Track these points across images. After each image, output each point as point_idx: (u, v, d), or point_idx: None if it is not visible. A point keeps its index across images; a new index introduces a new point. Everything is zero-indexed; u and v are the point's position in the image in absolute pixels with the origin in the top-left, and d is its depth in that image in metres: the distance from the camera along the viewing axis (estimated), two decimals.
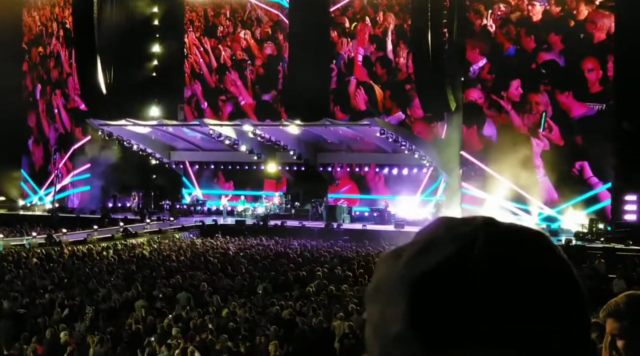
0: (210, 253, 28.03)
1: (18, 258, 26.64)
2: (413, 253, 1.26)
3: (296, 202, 41.92)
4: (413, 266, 1.24)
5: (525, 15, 39.69)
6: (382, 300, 1.27)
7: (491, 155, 37.10)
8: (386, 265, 1.29)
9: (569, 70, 37.49)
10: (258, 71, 48.70)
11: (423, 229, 1.32)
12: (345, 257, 26.68)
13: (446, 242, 1.25)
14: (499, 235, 1.26)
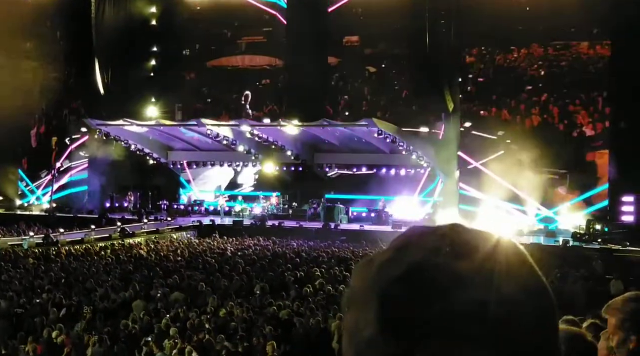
0: (207, 254, 28.03)
1: (15, 258, 26.61)
2: (383, 260, 1.31)
3: (294, 202, 41.94)
4: (383, 273, 1.28)
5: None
6: (356, 307, 1.31)
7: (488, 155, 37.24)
8: (360, 273, 1.34)
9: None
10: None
11: (395, 238, 1.36)
12: (343, 257, 26.69)
13: (414, 249, 1.29)
14: (464, 241, 1.30)
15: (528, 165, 35.22)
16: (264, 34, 52.72)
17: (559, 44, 45.07)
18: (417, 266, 1.27)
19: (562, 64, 44.48)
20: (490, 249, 1.30)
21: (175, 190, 46.22)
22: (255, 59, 53.83)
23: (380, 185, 39.98)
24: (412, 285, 1.26)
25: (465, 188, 37.44)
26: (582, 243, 31.20)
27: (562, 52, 45.14)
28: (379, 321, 1.26)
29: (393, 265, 1.29)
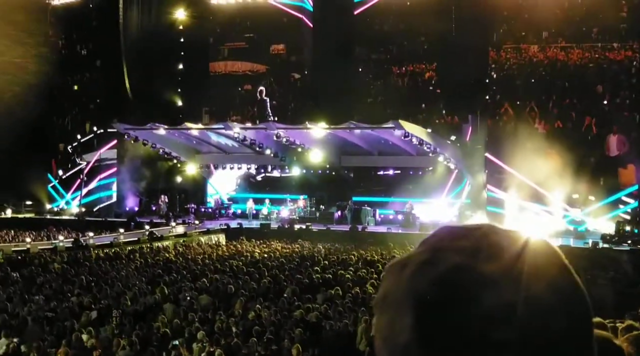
0: (235, 257, 28.11)
1: (46, 262, 26.84)
2: (418, 264, 1.29)
3: (321, 205, 41.93)
4: (419, 277, 1.27)
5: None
6: (390, 310, 1.30)
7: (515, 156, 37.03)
8: (393, 276, 1.32)
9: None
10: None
11: (427, 239, 1.35)
12: (370, 260, 26.65)
13: (450, 253, 1.28)
14: (501, 245, 1.29)
15: (556, 166, 34.96)
16: (245, 39, 53.74)
17: (590, 46, 45.14)
18: (455, 269, 1.25)
19: (590, 66, 44.44)
20: (527, 250, 1.28)
21: (202, 193, 46.36)
22: (236, 64, 54.82)
23: (407, 187, 39.87)
24: (450, 288, 1.25)
25: (492, 190, 37.24)
26: (611, 245, 30.91)
27: (591, 54, 45.12)
28: (415, 327, 1.24)
29: (430, 267, 1.27)
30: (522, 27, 47.05)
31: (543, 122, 40.72)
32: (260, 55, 54.94)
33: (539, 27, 46.65)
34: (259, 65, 55.77)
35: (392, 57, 50.91)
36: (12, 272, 24.29)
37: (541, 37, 47.31)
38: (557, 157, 35.51)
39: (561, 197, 35.04)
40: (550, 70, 45.48)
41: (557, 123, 40.56)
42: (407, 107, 44.02)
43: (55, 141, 52.05)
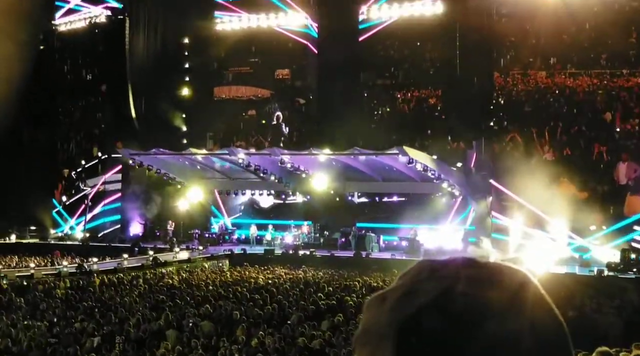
0: (239, 282, 28.04)
1: (49, 288, 26.80)
2: (398, 296, 1.31)
3: (325, 231, 41.88)
4: (398, 309, 1.28)
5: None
6: (371, 343, 1.30)
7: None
8: (373, 309, 1.33)
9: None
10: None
11: (406, 272, 1.36)
12: (375, 287, 26.56)
13: (429, 285, 1.29)
14: (479, 276, 1.30)
15: (562, 193, 34.90)
16: (250, 64, 54.00)
17: (599, 72, 45.25)
18: (433, 302, 1.26)
19: (599, 93, 44.44)
20: (505, 282, 1.29)
21: (206, 219, 46.35)
22: (241, 89, 55.06)
23: (411, 213, 39.81)
24: (429, 322, 1.25)
25: (497, 217, 37.16)
26: (617, 273, 30.74)
27: (600, 80, 45.20)
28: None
29: (410, 298, 1.28)
30: (530, 53, 47.20)
31: (551, 149, 40.55)
32: (265, 80, 55.17)
33: (546, 53, 46.79)
34: (263, 90, 55.97)
35: (397, 82, 51.13)
36: (16, 298, 24.26)
37: (549, 63, 47.38)
38: (566, 185, 35.46)
39: (566, 225, 34.89)
40: (559, 96, 45.39)
41: (565, 151, 40.36)
42: (412, 133, 44.07)
43: (59, 166, 52.13)
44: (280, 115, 51.13)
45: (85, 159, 51.87)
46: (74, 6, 52.52)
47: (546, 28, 44.69)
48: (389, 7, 46.47)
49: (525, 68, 47.69)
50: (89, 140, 53.87)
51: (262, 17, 50.09)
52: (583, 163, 38.82)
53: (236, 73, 56.16)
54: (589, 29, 45.37)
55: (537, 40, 46.35)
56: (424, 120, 46.78)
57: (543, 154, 39.94)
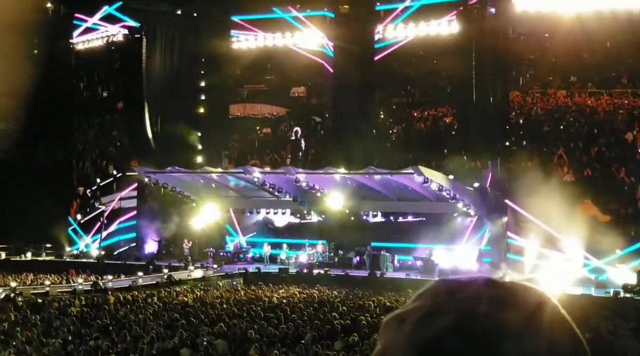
0: (253, 301, 28.00)
1: (64, 305, 26.85)
2: (417, 318, 1.29)
3: (339, 250, 41.79)
4: (419, 331, 1.27)
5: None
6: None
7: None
8: (390, 331, 1.32)
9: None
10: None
11: (423, 293, 1.35)
12: (389, 307, 26.45)
13: (449, 306, 1.28)
14: (499, 296, 1.29)
15: (582, 215, 34.71)
16: (265, 82, 54.02)
17: (620, 92, 44.97)
18: (455, 324, 1.25)
19: (620, 112, 44.12)
20: (528, 302, 1.28)
21: (221, 237, 46.34)
22: (256, 107, 55.08)
23: (426, 233, 39.70)
24: (451, 344, 1.24)
25: (513, 237, 37.00)
26: (633, 294, 30.52)
27: (621, 100, 44.91)
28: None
29: (430, 319, 1.27)
30: (549, 71, 46.98)
31: (571, 170, 40.14)
32: (280, 98, 55.23)
33: (566, 72, 46.50)
34: (278, 108, 56.01)
35: (413, 101, 51.12)
36: (31, 315, 24.32)
37: (569, 82, 47.04)
38: (588, 206, 35.23)
39: (582, 246, 34.67)
40: (579, 116, 44.97)
41: (586, 171, 39.99)
42: (427, 152, 44.01)
43: (75, 184, 52.35)
44: (299, 130, 51.18)
45: (100, 177, 52.09)
46: (92, 25, 52.91)
47: (566, 46, 44.51)
48: (404, 27, 46.58)
49: (545, 87, 47.40)
50: (105, 158, 54.10)
51: (278, 36, 50.29)
52: (604, 185, 38.45)
53: (251, 91, 56.28)
54: (609, 47, 45.04)
55: (556, 59, 46.16)
56: (439, 139, 46.69)
57: (563, 175, 39.60)
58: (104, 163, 53.50)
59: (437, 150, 44.59)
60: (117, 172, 51.52)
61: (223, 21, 49.62)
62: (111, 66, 54.80)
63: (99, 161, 54.09)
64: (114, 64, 54.20)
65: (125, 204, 48.43)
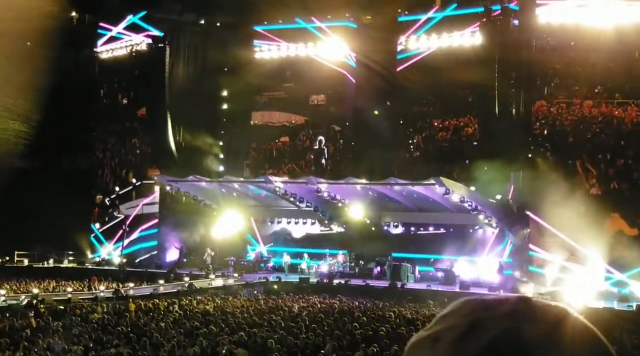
0: (274, 310, 28.01)
1: (86, 312, 26.97)
2: (455, 337, 1.28)
3: (360, 261, 41.76)
4: (458, 350, 1.26)
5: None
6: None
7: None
8: (424, 351, 1.30)
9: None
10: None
11: (451, 312, 1.33)
12: (410, 318, 26.39)
13: (488, 323, 1.27)
14: (536, 315, 1.29)
15: (603, 227, 34.48)
16: (284, 89, 53.75)
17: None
18: (498, 341, 1.24)
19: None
20: (567, 325, 1.28)
21: (242, 246, 46.43)
22: (274, 115, 54.84)
23: (447, 244, 39.62)
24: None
25: (534, 250, 36.81)
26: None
27: None
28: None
29: (469, 340, 1.25)
30: (575, 81, 46.44)
31: (597, 183, 39.59)
32: (299, 106, 55.09)
33: (593, 82, 45.85)
34: (297, 116, 55.91)
35: (435, 110, 50.89)
36: (52, 322, 24.44)
37: (595, 93, 46.34)
38: (616, 220, 34.94)
39: (604, 259, 34.44)
40: (605, 127, 44.33)
41: (613, 184, 39.51)
42: (449, 163, 43.91)
43: (95, 191, 52.62)
44: (323, 139, 51.01)
45: (119, 185, 52.34)
46: (116, 34, 53.31)
47: (591, 56, 44.09)
48: (427, 38, 46.57)
49: (570, 97, 46.77)
50: (124, 166, 54.36)
51: (301, 46, 50.39)
52: (631, 198, 37.96)
53: (270, 98, 55.92)
54: (638, 57, 44.42)
55: (582, 69, 45.65)
56: (461, 149, 46.53)
57: (589, 188, 39.15)
58: (124, 172, 53.76)
59: (459, 160, 44.47)
60: (137, 180, 51.81)
61: (246, 31, 49.81)
62: (134, 75, 55.12)
63: (119, 169, 54.36)
64: (137, 73, 54.53)
65: (147, 212, 48.64)
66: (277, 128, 55.63)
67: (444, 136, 49.18)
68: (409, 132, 50.34)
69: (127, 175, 53.21)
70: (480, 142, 44.26)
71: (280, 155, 53.42)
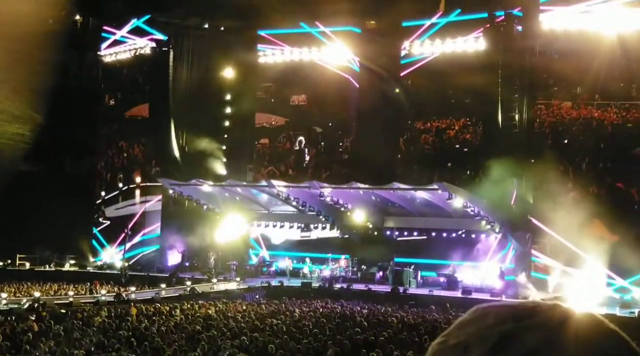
0: (275, 315, 27.97)
1: (87, 316, 26.95)
2: (489, 348, 1.24)
3: (362, 266, 41.73)
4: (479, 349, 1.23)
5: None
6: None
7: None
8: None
9: None
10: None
11: (471, 320, 1.30)
12: (412, 324, 26.34)
13: (521, 335, 1.23)
14: (576, 325, 1.26)
15: (603, 232, 34.41)
16: (263, 89, 53.14)
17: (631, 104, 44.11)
18: (534, 351, 1.21)
19: (629, 126, 43.28)
20: (607, 332, 1.25)
21: (245, 250, 46.42)
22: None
23: (449, 249, 39.58)
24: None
25: (537, 255, 36.77)
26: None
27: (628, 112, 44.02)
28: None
29: (507, 351, 1.22)
30: (554, 82, 46.20)
31: (576, 186, 39.29)
32: (279, 106, 54.27)
33: (594, 87, 45.50)
34: (277, 118, 55.28)
35: (438, 116, 50.76)
36: (54, 325, 24.43)
37: (575, 94, 45.97)
38: (597, 226, 34.86)
39: (606, 265, 34.38)
40: (584, 129, 44.03)
41: (592, 189, 39.39)
42: (451, 167, 43.86)
43: (96, 194, 52.54)
44: (303, 140, 50.12)
45: (105, 190, 52.21)
46: (120, 37, 53.33)
47: (572, 56, 43.83)
48: (431, 43, 46.56)
49: (549, 98, 46.45)
50: (112, 169, 54.14)
51: (305, 51, 50.37)
52: (613, 203, 37.63)
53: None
54: (618, 57, 43.84)
55: (561, 69, 45.33)
56: (463, 154, 46.49)
57: (592, 191, 38.96)
58: (108, 176, 53.51)
59: (461, 165, 44.43)
60: (123, 184, 51.81)
61: (250, 35, 49.78)
62: (138, 78, 55.14)
63: (105, 173, 54.10)
64: (141, 76, 54.54)
65: (149, 216, 48.66)
66: (257, 130, 54.40)
67: (447, 141, 49.10)
68: (411, 137, 50.20)
69: (114, 179, 52.98)
70: (483, 148, 44.07)
71: (260, 158, 52.91)
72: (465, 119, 49.14)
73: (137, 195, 49.03)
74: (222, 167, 48.12)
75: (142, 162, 53.17)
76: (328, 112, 51.75)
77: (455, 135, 49.26)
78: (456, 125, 49.54)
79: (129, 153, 54.54)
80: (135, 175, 49.51)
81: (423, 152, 48.69)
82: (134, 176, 49.93)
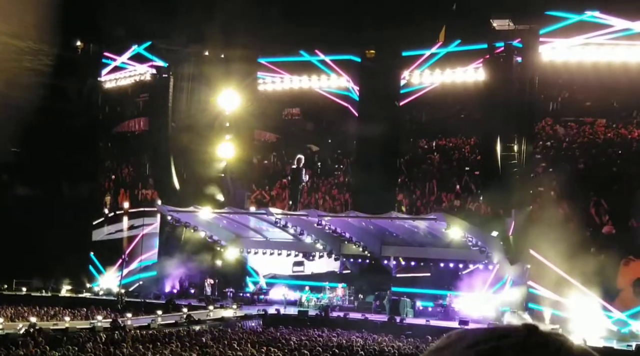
0: (271, 343, 27.86)
1: (83, 341, 26.84)
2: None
3: (359, 294, 41.63)
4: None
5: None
6: None
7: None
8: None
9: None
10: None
11: (447, 345, 1.32)
12: (409, 354, 26.25)
13: (501, 352, 1.26)
14: (547, 344, 1.30)
15: (602, 264, 34.35)
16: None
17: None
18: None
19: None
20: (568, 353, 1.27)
21: (241, 278, 46.32)
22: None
23: (447, 279, 39.53)
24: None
25: (534, 287, 36.70)
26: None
27: None
28: None
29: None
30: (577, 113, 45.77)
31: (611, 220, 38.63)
32: (271, 120, 53.63)
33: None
34: (269, 134, 54.87)
35: (437, 146, 50.65)
36: (50, 351, 24.32)
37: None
38: (634, 264, 34.74)
39: (604, 297, 34.33)
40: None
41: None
42: (451, 199, 43.88)
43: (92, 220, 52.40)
44: (302, 158, 47.95)
45: (119, 214, 52.10)
46: (120, 64, 53.58)
47: (594, 92, 43.77)
48: (430, 73, 46.73)
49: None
50: (99, 192, 53.88)
51: (305, 79, 50.48)
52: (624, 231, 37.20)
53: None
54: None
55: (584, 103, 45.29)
56: (462, 184, 46.42)
57: (600, 225, 38.13)
58: (125, 199, 53.41)
59: (460, 196, 44.39)
60: (109, 210, 51.73)
61: (250, 63, 49.93)
62: (138, 104, 55.27)
63: (118, 198, 54.02)
64: (141, 103, 54.68)
65: (146, 243, 48.59)
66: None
67: (445, 171, 48.97)
68: (409, 166, 49.96)
69: (102, 202, 52.77)
70: (481, 178, 44.09)
71: (255, 175, 51.45)
72: (468, 153, 48.71)
73: (124, 221, 48.98)
74: (220, 194, 48.07)
75: (131, 184, 52.93)
76: (325, 128, 51.34)
77: (456, 165, 48.75)
78: (461, 156, 49.21)
79: (117, 176, 54.15)
80: (120, 200, 49.64)
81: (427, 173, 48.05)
82: (120, 202, 50.04)
